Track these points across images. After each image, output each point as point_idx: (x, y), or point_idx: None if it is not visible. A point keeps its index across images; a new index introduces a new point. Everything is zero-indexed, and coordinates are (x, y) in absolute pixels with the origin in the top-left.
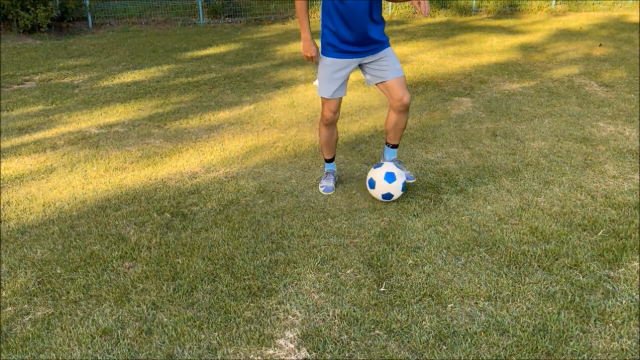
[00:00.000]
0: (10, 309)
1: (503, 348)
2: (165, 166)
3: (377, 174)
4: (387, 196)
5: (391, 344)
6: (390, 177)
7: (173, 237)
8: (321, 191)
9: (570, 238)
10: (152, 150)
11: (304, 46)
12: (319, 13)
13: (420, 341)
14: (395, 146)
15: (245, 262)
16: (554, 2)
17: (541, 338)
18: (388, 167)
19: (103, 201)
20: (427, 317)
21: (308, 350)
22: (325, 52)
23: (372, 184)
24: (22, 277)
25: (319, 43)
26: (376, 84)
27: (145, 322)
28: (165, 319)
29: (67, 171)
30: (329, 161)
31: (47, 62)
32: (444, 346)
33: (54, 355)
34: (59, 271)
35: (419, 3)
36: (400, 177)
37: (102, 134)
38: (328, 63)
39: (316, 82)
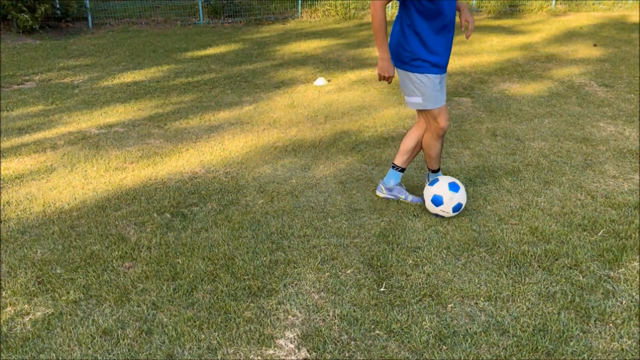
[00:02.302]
0: (10, 309)
1: (503, 348)
2: (166, 166)
3: (440, 189)
4: (458, 207)
5: (391, 344)
6: (454, 186)
7: (173, 237)
8: (412, 202)
9: (570, 238)
10: (152, 150)
11: (382, 66)
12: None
13: (420, 341)
14: (436, 171)
15: (245, 262)
16: (553, 2)
17: (541, 338)
18: (446, 179)
19: (103, 201)
20: (427, 317)
21: (308, 351)
22: (419, 69)
23: (439, 200)
24: (22, 277)
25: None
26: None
27: (145, 322)
28: (165, 319)
29: (67, 171)
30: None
31: (47, 62)
32: (444, 346)
33: (54, 355)
34: (59, 271)
35: (467, 22)
36: (461, 184)
37: (102, 134)
38: (428, 79)
39: (317, 82)
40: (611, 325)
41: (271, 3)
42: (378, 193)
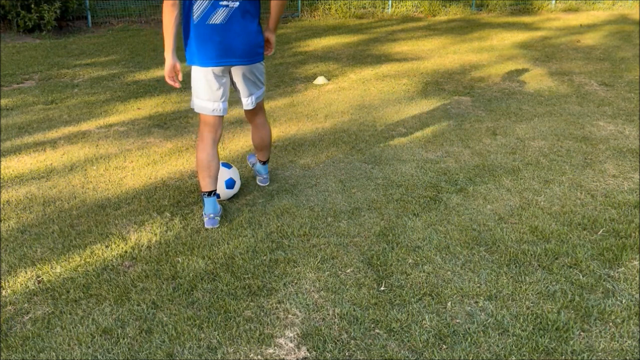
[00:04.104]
0: (10, 308)
1: (503, 347)
2: (165, 165)
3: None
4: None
5: (391, 343)
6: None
7: (173, 236)
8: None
9: (570, 237)
10: (152, 149)
11: None
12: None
13: (420, 340)
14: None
15: (245, 261)
16: (553, 1)
17: (541, 337)
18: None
19: (103, 200)
20: (427, 316)
21: (308, 350)
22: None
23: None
24: (22, 276)
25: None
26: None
27: (145, 321)
28: (165, 318)
29: (67, 170)
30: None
31: (46, 61)
32: (444, 345)
33: (54, 354)
34: (58, 270)
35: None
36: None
37: (102, 133)
38: None
39: (317, 81)
40: (611, 324)
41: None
42: (266, 184)
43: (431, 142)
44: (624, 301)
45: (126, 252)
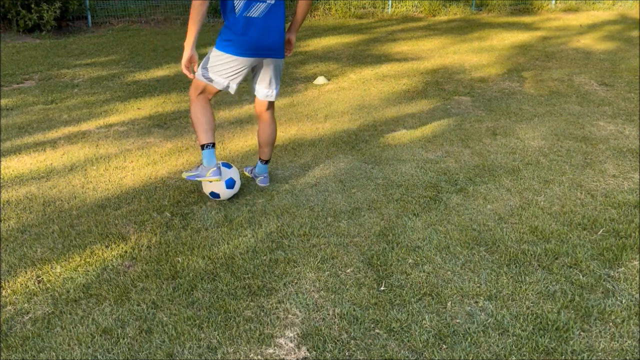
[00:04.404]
0: (10, 308)
1: (503, 347)
2: (165, 165)
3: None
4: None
5: (391, 343)
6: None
7: (173, 236)
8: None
9: (570, 237)
10: (152, 149)
11: None
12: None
13: (420, 340)
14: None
15: (245, 261)
16: (553, 1)
17: (541, 337)
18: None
19: (103, 200)
20: (427, 316)
21: (308, 350)
22: None
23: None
24: (22, 276)
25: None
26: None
27: (145, 321)
28: (165, 318)
29: (67, 170)
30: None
31: (46, 61)
32: (444, 345)
33: (54, 354)
34: (58, 270)
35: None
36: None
37: (102, 133)
38: None
39: (317, 81)
40: (611, 324)
41: None
42: (266, 184)
43: (431, 142)
44: (624, 301)
45: (126, 252)
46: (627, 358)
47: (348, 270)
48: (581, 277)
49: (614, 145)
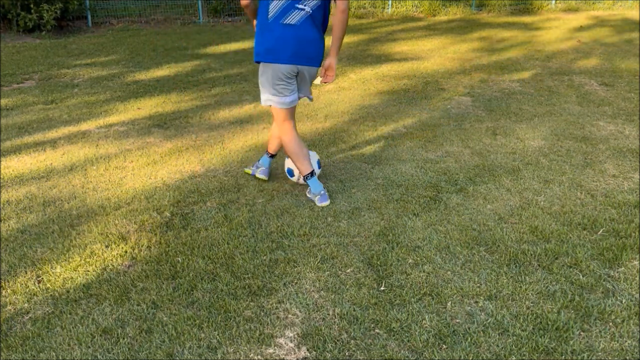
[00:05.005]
0: (10, 307)
1: (503, 347)
2: (165, 165)
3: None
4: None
5: (391, 343)
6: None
7: (173, 236)
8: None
9: (570, 237)
10: (151, 149)
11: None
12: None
13: (420, 340)
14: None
15: (245, 261)
16: (553, 1)
17: (541, 337)
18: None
19: (103, 200)
20: (427, 316)
21: (308, 349)
22: None
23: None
24: (22, 276)
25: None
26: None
27: (145, 321)
28: (165, 318)
29: (67, 170)
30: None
31: (46, 61)
32: (444, 345)
33: (54, 354)
34: (58, 270)
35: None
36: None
37: (102, 132)
38: None
39: (317, 81)
40: (611, 324)
41: None
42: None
43: (431, 142)
44: (624, 301)
45: (126, 252)
46: (627, 358)
47: (348, 270)
48: (581, 277)
49: (614, 145)
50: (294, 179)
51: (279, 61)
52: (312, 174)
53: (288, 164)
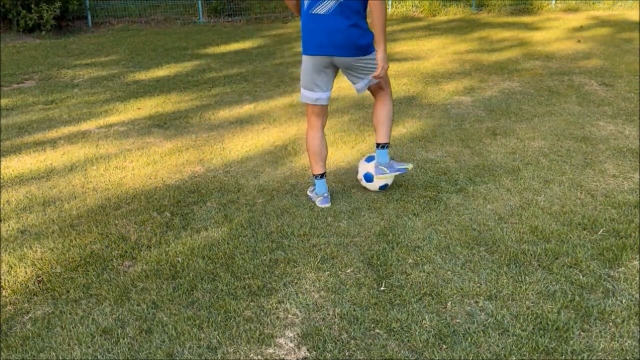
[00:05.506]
0: (10, 307)
1: (503, 347)
2: (165, 165)
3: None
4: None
5: (391, 343)
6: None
7: (173, 236)
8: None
9: (570, 237)
10: (152, 149)
11: (386, 58)
12: None
13: (420, 340)
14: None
15: (245, 261)
16: (553, 1)
17: (541, 337)
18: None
19: (103, 200)
20: (427, 316)
21: (308, 349)
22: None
23: (370, 177)
24: (22, 276)
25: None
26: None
27: (145, 321)
28: (165, 318)
29: (67, 170)
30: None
31: (46, 61)
32: (444, 345)
33: (54, 354)
34: (58, 270)
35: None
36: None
37: (102, 132)
38: None
39: None
40: (611, 324)
41: (271, 2)
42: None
43: (431, 142)
44: (624, 301)
45: (126, 252)
46: (627, 358)
47: (348, 270)
48: (581, 277)
49: (614, 145)
50: (371, 185)
51: (306, 52)
52: (322, 175)
53: (367, 168)
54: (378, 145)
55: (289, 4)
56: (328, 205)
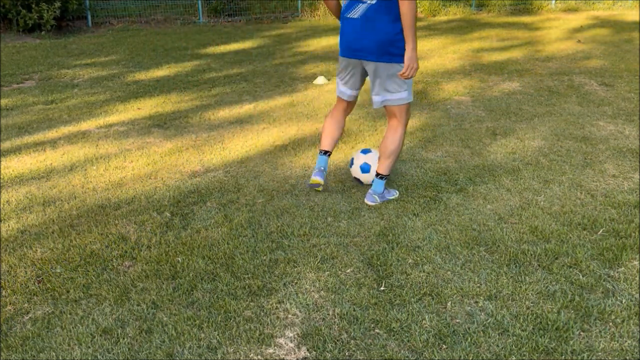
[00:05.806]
0: (10, 308)
1: (503, 347)
2: (165, 165)
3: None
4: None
5: (391, 343)
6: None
7: (173, 236)
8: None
9: (570, 237)
10: (152, 149)
11: (415, 57)
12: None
13: (420, 340)
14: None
15: (245, 261)
16: (553, 2)
17: (541, 337)
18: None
19: (103, 200)
20: (427, 316)
21: (308, 349)
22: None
23: (368, 168)
24: (22, 276)
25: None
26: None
27: (145, 321)
28: (165, 318)
29: (67, 170)
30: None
31: (46, 61)
32: (443, 345)
33: (53, 354)
34: (58, 270)
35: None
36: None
37: (102, 133)
38: None
39: (317, 81)
40: (611, 324)
41: (271, 2)
42: (371, 203)
43: (431, 142)
44: (624, 301)
45: (126, 252)
46: (627, 358)
47: (348, 270)
48: (581, 277)
49: (614, 145)
50: (362, 177)
51: (340, 53)
52: (325, 152)
53: (365, 159)
54: (377, 174)
55: (330, 4)
56: (318, 179)
